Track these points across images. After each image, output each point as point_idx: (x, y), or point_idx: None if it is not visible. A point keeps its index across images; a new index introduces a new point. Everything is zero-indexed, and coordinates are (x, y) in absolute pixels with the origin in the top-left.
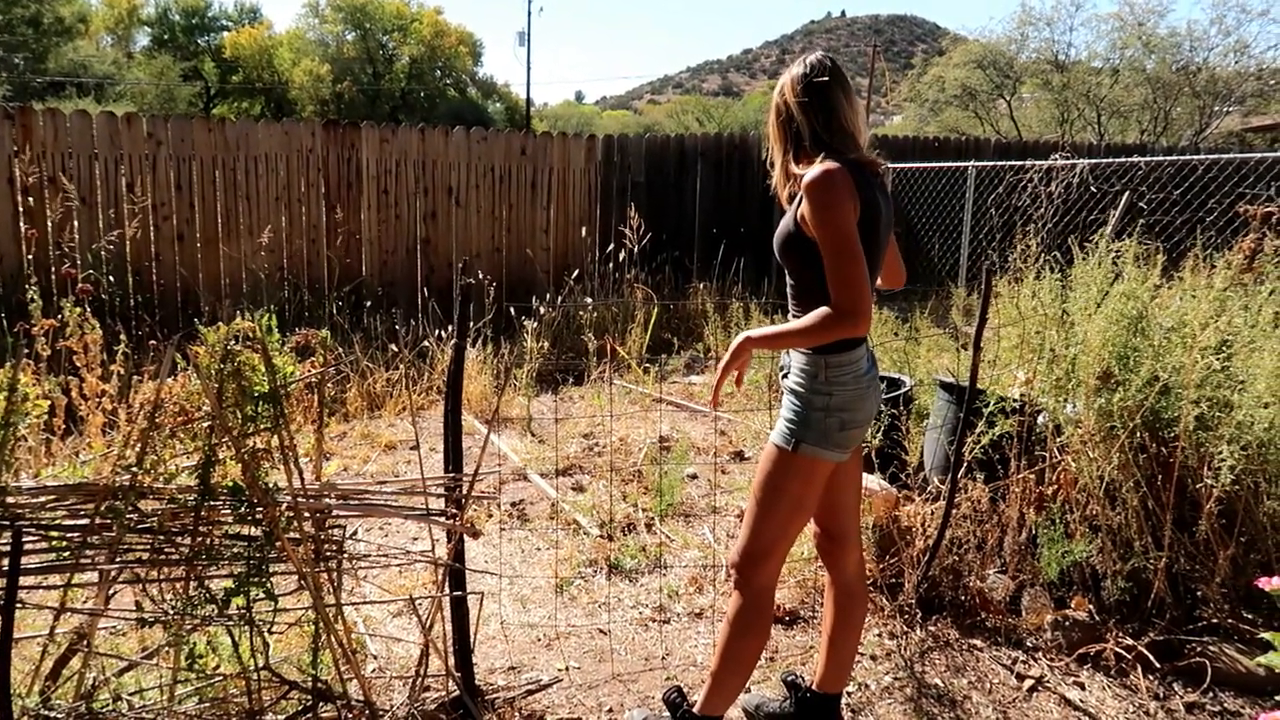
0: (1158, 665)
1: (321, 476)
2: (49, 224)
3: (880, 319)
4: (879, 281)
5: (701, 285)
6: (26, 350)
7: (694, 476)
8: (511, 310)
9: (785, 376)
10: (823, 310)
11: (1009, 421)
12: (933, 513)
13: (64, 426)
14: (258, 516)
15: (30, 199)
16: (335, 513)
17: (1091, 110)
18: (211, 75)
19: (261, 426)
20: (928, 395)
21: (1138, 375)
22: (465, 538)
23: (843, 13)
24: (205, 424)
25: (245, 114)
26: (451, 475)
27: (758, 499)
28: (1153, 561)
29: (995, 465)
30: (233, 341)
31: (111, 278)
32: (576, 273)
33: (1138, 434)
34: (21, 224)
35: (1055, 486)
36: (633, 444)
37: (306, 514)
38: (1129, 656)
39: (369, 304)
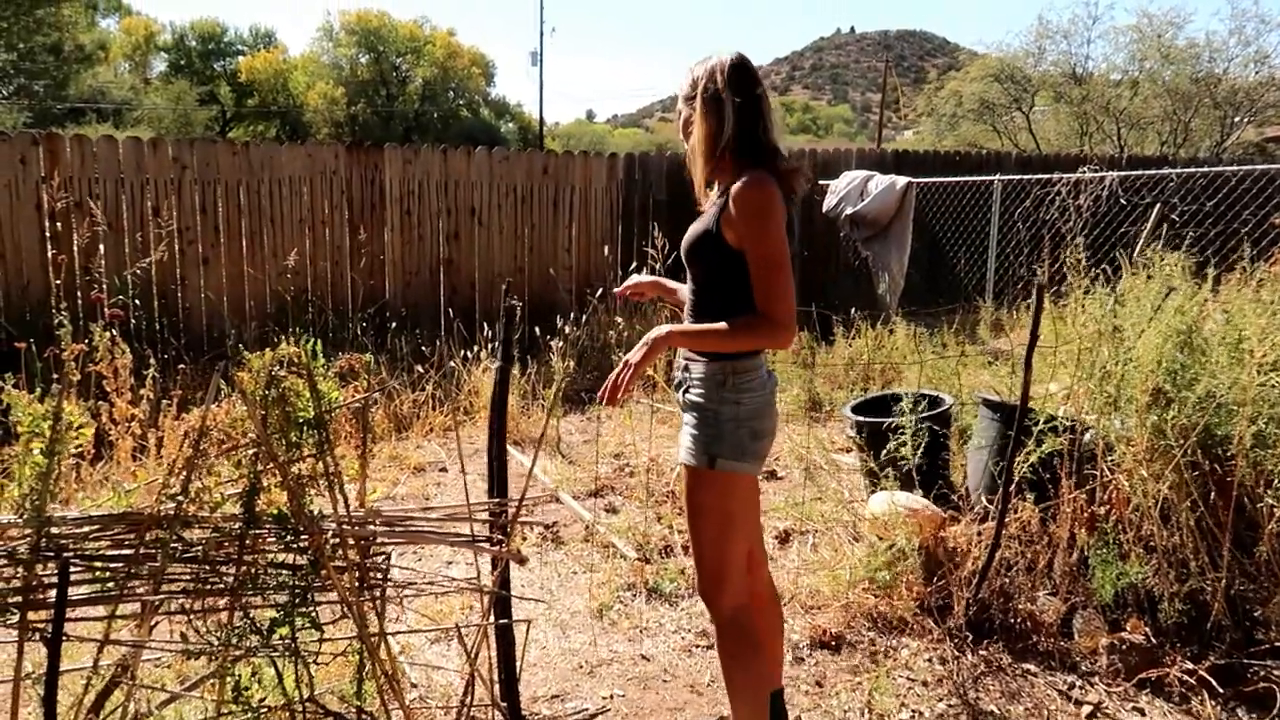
0: (1220, 690)
1: (366, 503)
2: (75, 249)
3: (908, 334)
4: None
5: None
6: (56, 376)
7: None
8: (536, 330)
9: (685, 391)
10: (753, 317)
11: (1058, 440)
12: (980, 533)
13: (94, 451)
14: (303, 545)
15: (58, 224)
16: (380, 540)
17: (1111, 122)
18: (227, 99)
19: (306, 453)
20: (968, 414)
21: (1193, 392)
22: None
23: (852, 29)
24: (250, 451)
25: (261, 137)
26: (497, 501)
27: (690, 525)
28: (1210, 583)
29: (1044, 484)
30: (277, 367)
31: (138, 301)
32: (600, 291)
33: (1192, 452)
34: (49, 249)
35: (1108, 506)
36: (664, 463)
37: (351, 541)
38: (1191, 681)
39: (393, 325)
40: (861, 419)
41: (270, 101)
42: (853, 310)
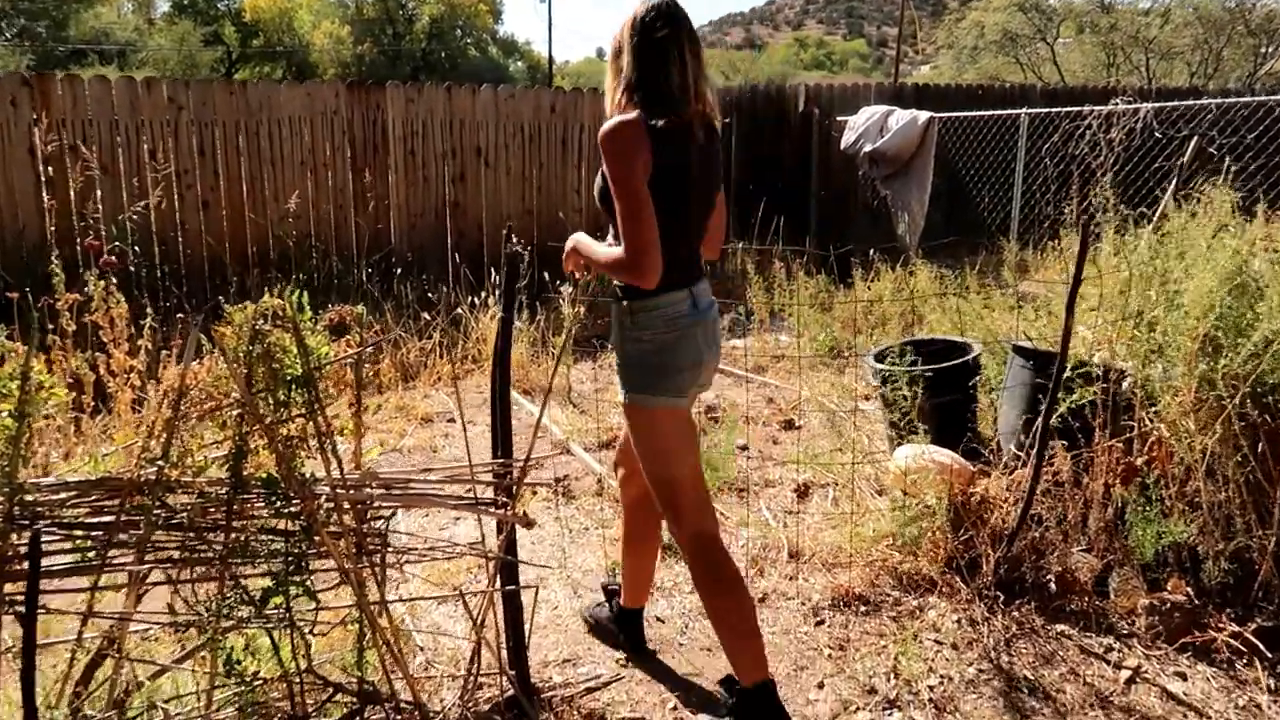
0: (1268, 655)
1: (361, 464)
2: (71, 194)
3: (930, 276)
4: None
5: (740, 244)
6: (51, 326)
7: (744, 448)
8: (545, 275)
9: None
10: (619, 252)
11: (1092, 389)
12: (1009, 487)
13: (93, 404)
14: (294, 510)
15: (49, 169)
16: (377, 504)
17: (1139, 53)
18: (232, 40)
19: (295, 413)
20: (992, 359)
21: (1248, 339)
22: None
23: None
24: (235, 412)
25: (267, 78)
26: (502, 461)
27: (638, 458)
28: (1258, 541)
29: (1075, 434)
30: (261, 321)
31: (137, 248)
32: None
33: (1242, 403)
34: (44, 194)
35: (1148, 459)
36: None
37: (347, 506)
38: (1236, 644)
39: (398, 271)
40: (884, 367)
41: (276, 41)
42: (871, 251)
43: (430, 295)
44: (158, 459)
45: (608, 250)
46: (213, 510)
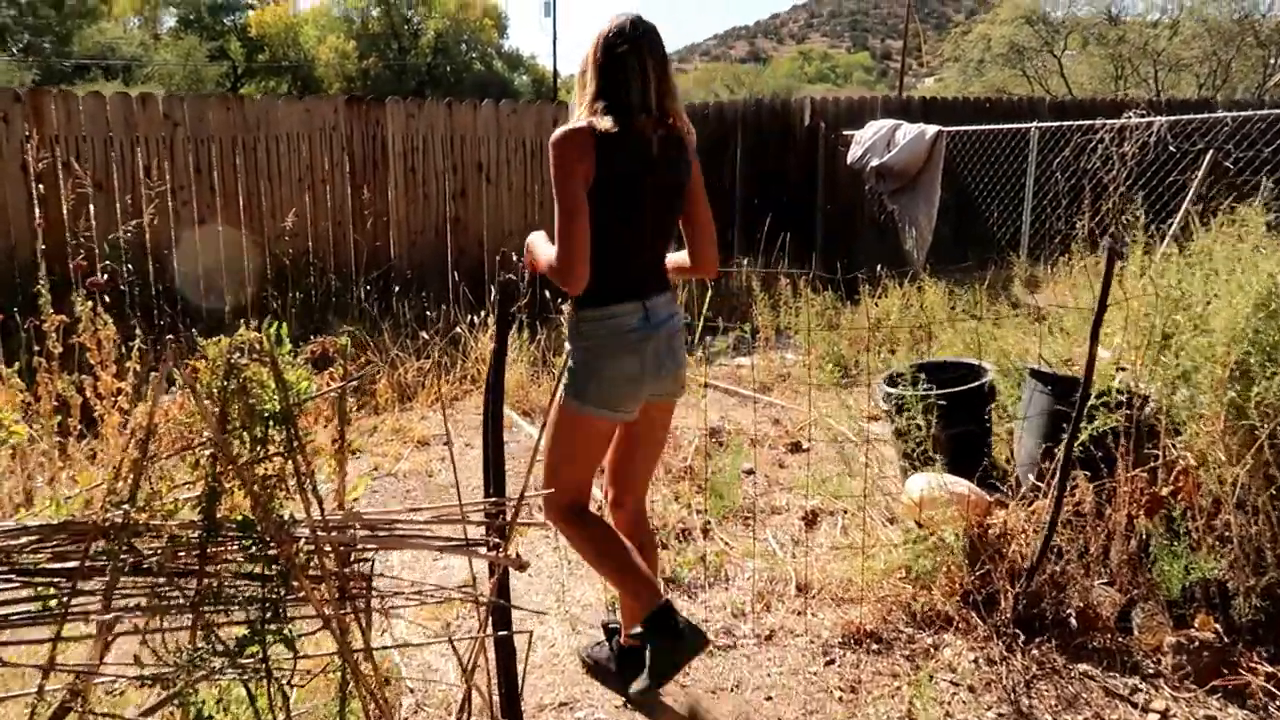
0: None
1: (345, 503)
2: (64, 211)
3: (940, 292)
4: (686, 260)
5: (745, 260)
6: (38, 348)
7: (750, 472)
8: (546, 294)
9: None
10: (553, 253)
11: (1115, 416)
12: (1028, 518)
13: (79, 428)
14: (271, 554)
15: (39, 186)
16: (360, 546)
17: (1147, 65)
18: (238, 55)
19: (273, 451)
20: (1006, 382)
21: None
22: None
23: None
24: (208, 451)
25: (272, 93)
26: (494, 500)
27: (548, 440)
28: None
29: (1097, 463)
30: (237, 355)
31: (130, 266)
32: None
33: (1275, 432)
34: (36, 212)
35: (1173, 489)
36: (681, 435)
37: (329, 548)
38: (1270, 686)
39: (397, 288)
40: (896, 392)
41: (281, 56)
42: (879, 267)
43: (429, 313)
44: (124, 501)
45: (547, 254)
46: (184, 555)
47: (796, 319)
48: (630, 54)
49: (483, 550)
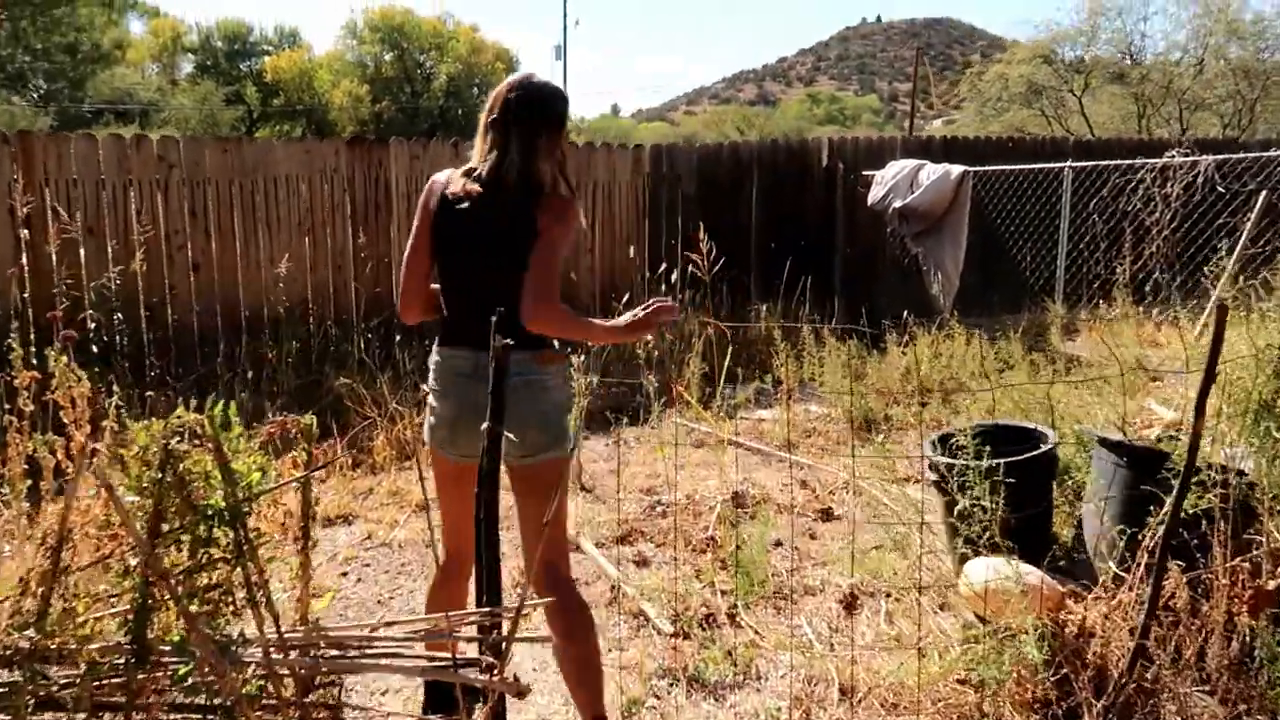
0: None
1: (310, 615)
2: (52, 257)
3: (970, 340)
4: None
5: (764, 307)
6: (8, 407)
7: (779, 544)
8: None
9: None
10: None
11: (1209, 495)
12: (1107, 614)
13: (51, 490)
14: (212, 685)
15: (24, 231)
16: (325, 671)
17: (1171, 104)
18: (253, 99)
19: (217, 556)
20: (1067, 450)
21: None
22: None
23: (878, 18)
24: (135, 560)
25: (286, 136)
26: (488, 610)
27: None
28: None
29: (1191, 551)
30: (176, 439)
31: (120, 315)
32: (627, 297)
33: None
34: (24, 258)
35: None
36: (701, 500)
37: (286, 673)
38: None
39: (399, 336)
40: (956, 463)
41: (296, 100)
42: (904, 313)
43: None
44: (29, 625)
45: None
46: (106, 686)
47: (820, 369)
48: (493, 123)
49: (474, 674)
